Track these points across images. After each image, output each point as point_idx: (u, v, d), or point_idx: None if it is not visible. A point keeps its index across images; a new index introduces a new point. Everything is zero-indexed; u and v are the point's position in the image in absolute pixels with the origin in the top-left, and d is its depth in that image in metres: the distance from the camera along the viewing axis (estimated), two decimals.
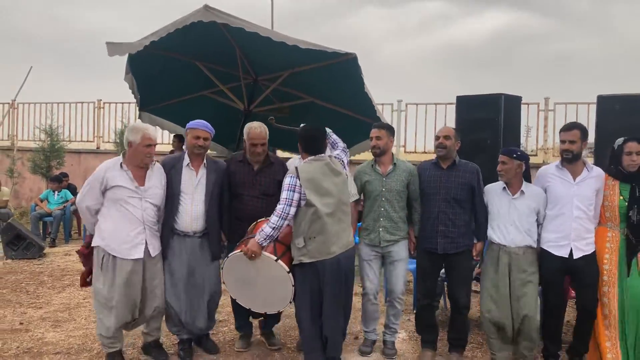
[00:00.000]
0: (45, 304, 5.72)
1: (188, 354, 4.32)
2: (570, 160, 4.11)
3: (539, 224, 4.21)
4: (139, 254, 4.01)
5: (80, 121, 13.21)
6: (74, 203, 9.92)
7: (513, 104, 6.04)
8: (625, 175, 4.06)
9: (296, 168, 3.76)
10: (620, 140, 4.14)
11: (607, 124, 5.11)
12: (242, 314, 4.54)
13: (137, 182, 4.05)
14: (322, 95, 7.71)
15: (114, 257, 3.96)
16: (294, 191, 3.70)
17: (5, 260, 7.93)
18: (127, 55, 6.83)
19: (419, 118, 10.91)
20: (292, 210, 3.70)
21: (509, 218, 4.17)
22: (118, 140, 11.71)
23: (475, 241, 4.35)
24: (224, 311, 5.23)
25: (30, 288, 6.36)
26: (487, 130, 5.79)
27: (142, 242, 4.03)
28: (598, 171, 4.17)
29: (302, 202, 3.71)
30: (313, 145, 3.94)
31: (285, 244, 3.85)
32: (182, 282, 4.22)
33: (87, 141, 13.02)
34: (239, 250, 3.77)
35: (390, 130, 4.57)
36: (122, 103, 12.64)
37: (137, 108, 8.32)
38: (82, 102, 13.20)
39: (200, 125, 4.30)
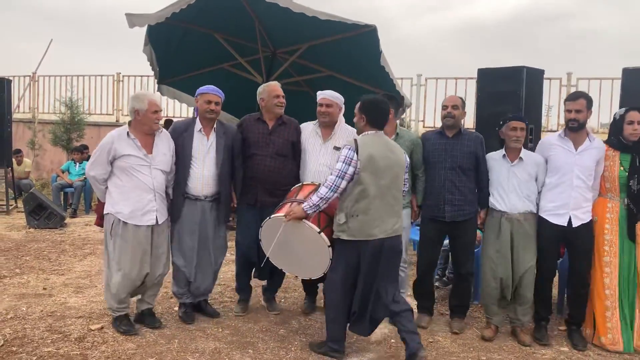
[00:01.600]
0: (67, 271, 5.84)
1: (190, 316, 4.42)
2: (576, 129, 4.16)
3: (538, 192, 4.30)
4: (151, 220, 4.10)
5: (99, 94, 13.33)
6: None
7: (535, 77, 5.92)
8: (626, 145, 4.14)
9: (355, 140, 3.58)
10: (621, 110, 4.22)
11: (632, 97, 5.01)
12: (244, 277, 4.68)
13: (145, 150, 4.10)
14: (341, 68, 7.66)
15: (125, 223, 4.03)
16: (349, 164, 3.50)
17: (27, 229, 8.07)
18: (146, 27, 6.86)
19: (438, 92, 10.83)
20: (344, 183, 3.51)
21: (509, 185, 4.25)
22: None
23: (479, 209, 4.41)
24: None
25: (53, 256, 6.48)
26: (508, 103, 5.69)
27: (153, 209, 4.10)
28: (600, 142, 4.25)
29: (355, 177, 3.54)
30: (380, 119, 3.70)
31: (330, 215, 3.75)
32: (193, 245, 4.33)
33: (107, 114, 13.14)
34: (282, 213, 3.74)
35: (393, 102, 4.54)
36: (141, 76, 12.72)
37: (155, 81, 8.32)
38: (101, 75, 13.31)
39: (210, 90, 4.34)
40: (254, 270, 4.71)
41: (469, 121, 9.30)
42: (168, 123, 8.93)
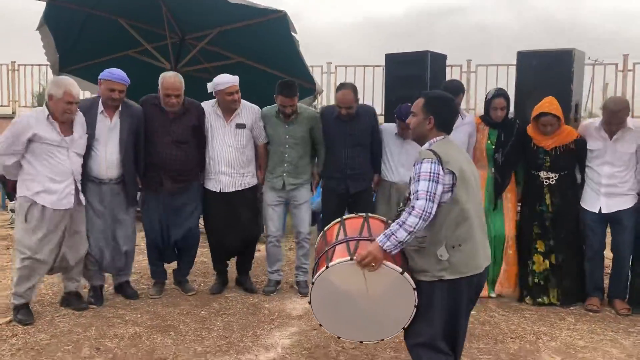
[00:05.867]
0: None
1: (99, 299, 4.41)
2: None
3: None
4: (69, 204, 4.02)
5: None
6: None
7: (439, 62, 6.20)
8: (494, 123, 4.66)
9: (433, 151, 2.75)
10: (490, 93, 4.77)
11: (526, 79, 5.35)
12: (155, 261, 4.73)
13: (64, 134, 4.00)
14: (252, 55, 7.59)
15: (43, 207, 3.92)
16: (437, 182, 2.64)
17: None
18: (43, 9, 6.55)
19: (348, 79, 11.04)
20: (435, 208, 2.64)
21: (399, 160, 4.64)
22: (37, 104, 11.15)
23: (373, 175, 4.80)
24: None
25: None
26: (414, 87, 5.91)
27: (71, 193, 4.02)
28: (470, 118, 4.81)
29: (445, 197, 2.70)
30: (452, 119, 2.95)
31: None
32: (100, 225, 4.28)
33: (2, 106, 12.30)
34: (345, 258, 2.75)
35: (297, 92, 4.66)
36: (40, 65, 11.96)
37: (52, 70, 7.88)
38: None
39: (114, 78, 4.24)
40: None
41: (377, 107, 9.56)
42: None
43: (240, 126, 4.61)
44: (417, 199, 2.63)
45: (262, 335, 3.87)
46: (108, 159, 4.23)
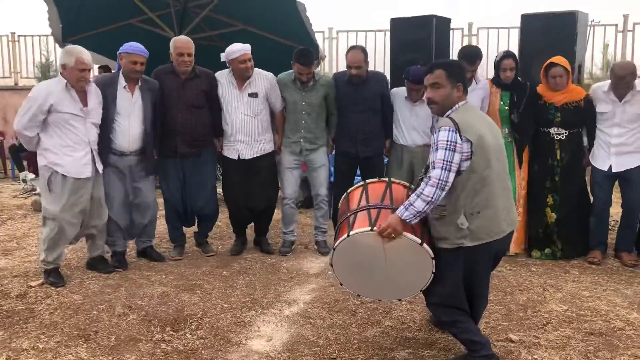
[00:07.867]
0: None
1: (123, 263, 4.58)
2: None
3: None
4: (88, 173, 4.15)
5: None
6: None
7: (443, 25, 6.30)
8: (506, 84, 4.76)
9: (452, 119, 2.78)
10: (499, 56, 4.85)
11: (530, 42, 5.48)
12: (175, 225, 4.90)
13: (82, 103, 4.12)
14: (254, 22, 7.65)
15: (64, 176, 4.06)
16: (454, 151, 2.70)
17: None
18: None
19: (351, 45, 11.02)
20: (452, 177, 2.72)
21: (410, 123, 4.74)
22: (40, 75, 11.17)
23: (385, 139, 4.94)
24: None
25: None
26: (420, 51, 6.02)
27: (89, 162, 4.16)
28: (484, 82, 4.87)
29: (464, 165, 2.77)
30: (467, 82, 3.05)
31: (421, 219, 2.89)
32: (122, 192, 4.46)
33: (3, 77, 12.29)
34: (365, 228, 2.87)
35: (314, 60, 4.82)
36: (40, 36, 11.93)
37: (55, 40, 7.89)
38: None
39: (136, 50, 4.36)
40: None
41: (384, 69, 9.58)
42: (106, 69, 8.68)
43: (253, 95, 4.70)
44: (434, 168, 2.72)
45: (284, 292, 4.07)
46: (132, 133, 4.37)
